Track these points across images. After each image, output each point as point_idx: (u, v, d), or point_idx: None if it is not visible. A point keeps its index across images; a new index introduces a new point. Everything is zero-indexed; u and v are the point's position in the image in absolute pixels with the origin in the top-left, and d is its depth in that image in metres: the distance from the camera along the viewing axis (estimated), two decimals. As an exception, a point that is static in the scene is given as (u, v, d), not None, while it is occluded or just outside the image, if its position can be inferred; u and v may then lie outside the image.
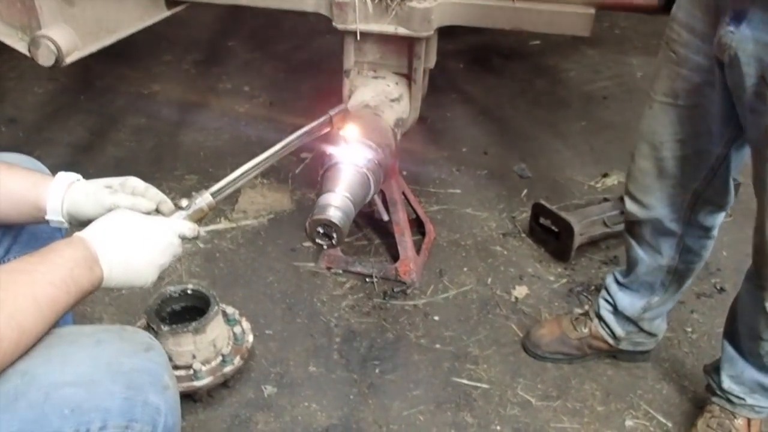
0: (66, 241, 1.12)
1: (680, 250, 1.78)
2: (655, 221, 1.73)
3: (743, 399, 1.75)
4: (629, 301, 1.93)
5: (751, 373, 1.71)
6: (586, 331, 2.02)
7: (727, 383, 1.76)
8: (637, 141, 1.69)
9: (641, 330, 1.96)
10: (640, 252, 1.83)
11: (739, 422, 1.76)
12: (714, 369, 1.81)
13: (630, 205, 1.77)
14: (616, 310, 1.96)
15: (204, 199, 1.26)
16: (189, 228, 1.24)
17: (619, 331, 1.97)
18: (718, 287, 2.35)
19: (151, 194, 1.26)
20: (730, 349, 1.74)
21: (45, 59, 2.07)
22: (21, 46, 2.12)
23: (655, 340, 2.01)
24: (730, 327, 1.75)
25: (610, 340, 2.00)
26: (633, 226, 1.81)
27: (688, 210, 1.69)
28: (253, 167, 1.33)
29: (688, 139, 1.58)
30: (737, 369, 1.73)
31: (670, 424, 1.89)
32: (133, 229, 1.16)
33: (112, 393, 1.03)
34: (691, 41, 1.47)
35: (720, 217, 1.75)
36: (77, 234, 1.13)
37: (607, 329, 1.99)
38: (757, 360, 1.68)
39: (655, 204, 1.70)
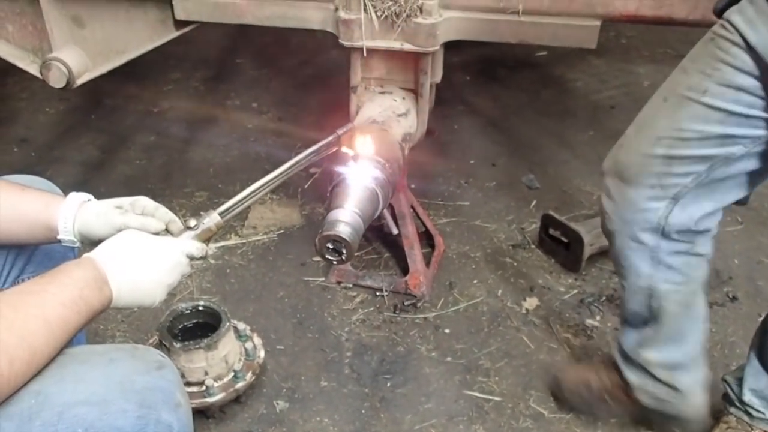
0: (75, 262, 1.13)
1: (657, 267, 1.61)
2: (627, 227, 1.58)
3: (763, 413, 1.73)
4: (626, 335, 1.76)
5: None
6: (607, 380, 1.85)
7: (748, 396, 1.73)
8: (632, 132, 1.57)
9: (657, 380, 1.73)
10: (621, 271, 1.68)
11: (755, 434, 1.75)
12: (735, 380, 1.77)
13: (606, 202, 1.60)
14: (621, 349, 1.80)
15: (212, 219, 1.28)
16: (197, 248, 1.25)
17: (630, 376, 1.77)
18: (731, 296, 2.33)
19: (160, 214, 1.28)
20: (756, 364, 1.70)
21: (56, 81, 2.11)
22: (33, 69, 2.16)
23: (684, 400, 1.74)
24: (760, 341, 1.70)
25: (626, 387, 1.80)
26: (609, 237, 1.64)
27: (663, 217, 1.53)
28: (261, 187, 1.34)
29: (695, 138, 1.45)
30: (761, 384, 1.70)
31: (684, 435, 1.88)
32: (141, 250, 1.18)
33: (125, 411, 1.03)
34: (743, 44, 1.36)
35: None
36: (86, 255, 1.15)
37: (620, 373, 1.81)
38: None
39: (630, 205, 1.55)
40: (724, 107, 1.42)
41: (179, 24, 2.29)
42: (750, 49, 1.36)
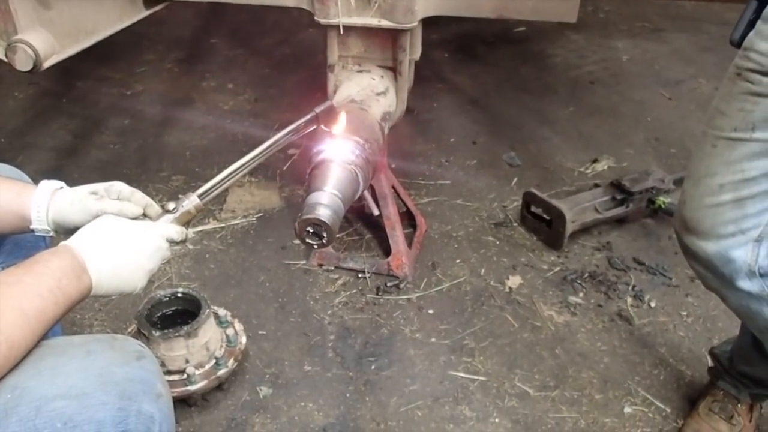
0: (52, 250, 1.10)
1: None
2: (725, 282, 1.50)
3: (751, 388, 1.74)
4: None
5: None
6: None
7: (739, 369, 1.74)
8: (690, 186, 1.49)
9: None
10: (749, 323, 1.59)
11: (742, 407, 1.76)
12: (725, 356, 1.77)
13: (693, 264, 1.53)
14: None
15: (191, 202, 1.25)
16: (176, 231, 1.22)
17: None
18: (712, 269, 2.34)
19: (137, 198, 1.25)
20: (749, 339, 1.67)
21: (23, 64, 2.04)
22: (-2, 52, 2.08)
23: None
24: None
25: None
26: (718, 294, 1.57)
27: (753, 262, 1.46)
28: (240, 167, 1.31)
29: (760, 174, 1.40)
30: (755, 366, 1.70)
31: (668, 409, 1.89)
32: (120, 236, 1.15)
33: (105, 404, 1.00)
34: None
35: None
36: (63, 243, 1.11)
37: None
38: None
39: (716, 259, 1.47)
40: None
41: (149, 3, 2.23)
42: None
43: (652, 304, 2.22)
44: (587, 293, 2.26)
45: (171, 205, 1.24)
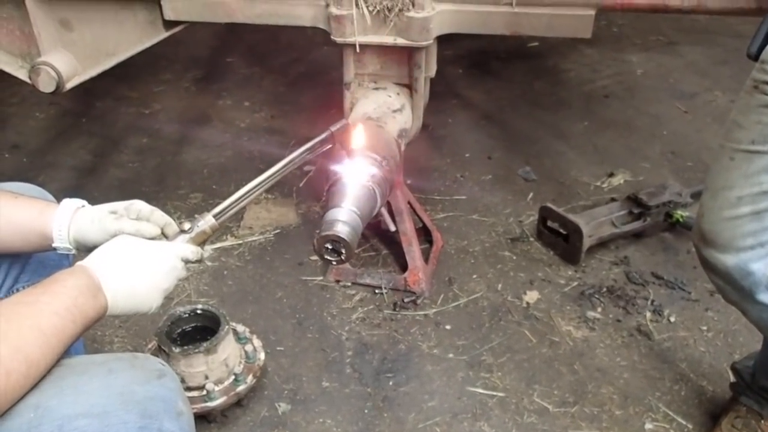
0: (68, 270, 1.11)
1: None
2: (744, 295, 1.51)
3: None
4: None
5: None
6: None
7: (762, 388, 1.72)
8: (708, 198, 1.49)
9: None
10: None
11: (766, 423, 1.73)
12: (747, 372, 1.75)
13: (711, 277, 1.54)
14: None
15: (207, 222, 1.26)
16: (192, 251, 1.23)
17: None
18: (731, 283, 2.32)
19: (156, 217, 1.26)
20: None
21: (46, 86, 2.08)
22: (21, 74, 2.13)
23: None
24: None
25: None
26: (737, 307, 1.58)
27: None
28: (255, 187, 1.32)
29: None
30: None
31: (690, 426, 1.87)
32: (135, 256, 1.16)
33: (126, 422, 1.01)
34: None
35: None
36: (80, 263, 1.13)
37: None
38: None
39: (735, 272, 1.48)
40: None
41: (169, 24, 2.27)
42: None
43: (672, 319, 2.20)
44: (605, 308, 2.25)
45: (186, 225, 1.25)
